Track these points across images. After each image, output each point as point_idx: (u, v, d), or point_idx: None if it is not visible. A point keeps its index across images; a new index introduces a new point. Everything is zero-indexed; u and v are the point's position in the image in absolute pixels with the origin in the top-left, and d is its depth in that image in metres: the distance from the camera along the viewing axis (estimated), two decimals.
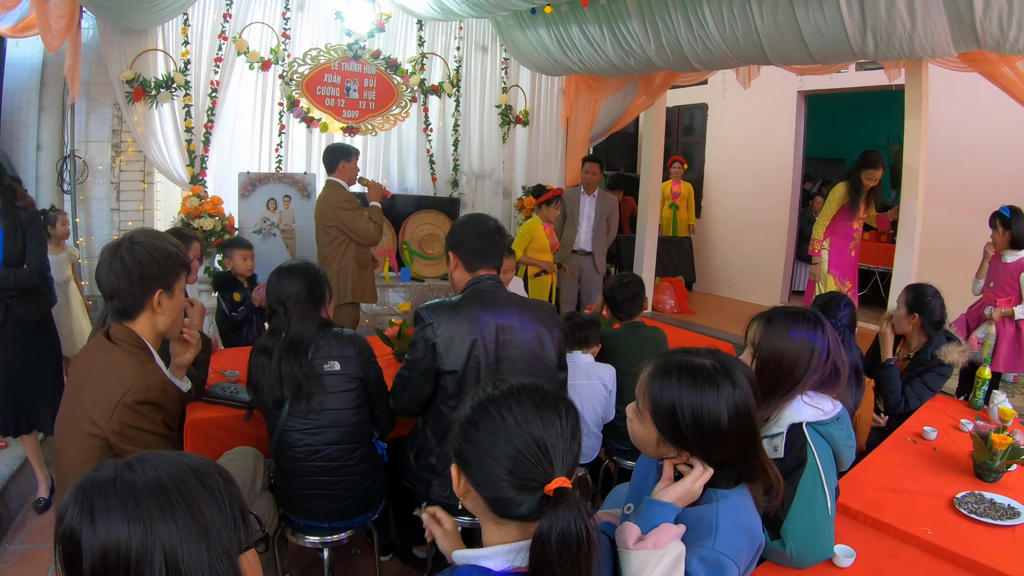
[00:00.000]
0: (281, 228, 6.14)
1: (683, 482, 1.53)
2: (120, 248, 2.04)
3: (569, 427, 1.28)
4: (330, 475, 2.58)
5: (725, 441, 1.52)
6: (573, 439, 1.28)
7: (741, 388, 1.52)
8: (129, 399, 1.91)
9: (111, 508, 0.96)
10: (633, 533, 1.48)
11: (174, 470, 1.02)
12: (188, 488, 1.00)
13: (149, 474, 1.01)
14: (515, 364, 2.45)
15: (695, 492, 1.53)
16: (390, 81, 6.91)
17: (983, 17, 3.55)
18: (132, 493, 0.97)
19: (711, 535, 1.48)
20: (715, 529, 1.48)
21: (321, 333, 2.65)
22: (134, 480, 0.99)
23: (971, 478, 2.58)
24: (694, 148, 9.69)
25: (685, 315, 7.65)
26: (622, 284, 3.76)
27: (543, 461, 1.23)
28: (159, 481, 1.00)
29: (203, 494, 1.01)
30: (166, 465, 1.03)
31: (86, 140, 5.93)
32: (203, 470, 1.05)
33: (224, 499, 1.03)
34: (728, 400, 1.50)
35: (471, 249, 2.53)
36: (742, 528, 1.52)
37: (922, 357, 3.54)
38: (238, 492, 1.08)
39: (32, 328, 3.65)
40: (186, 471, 1.03)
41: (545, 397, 1.31)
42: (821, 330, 1.98)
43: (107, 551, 0.94)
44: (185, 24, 5.95)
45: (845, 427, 1.99)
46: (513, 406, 1.27)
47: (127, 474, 1.00)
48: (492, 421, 1.26)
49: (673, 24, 4.91)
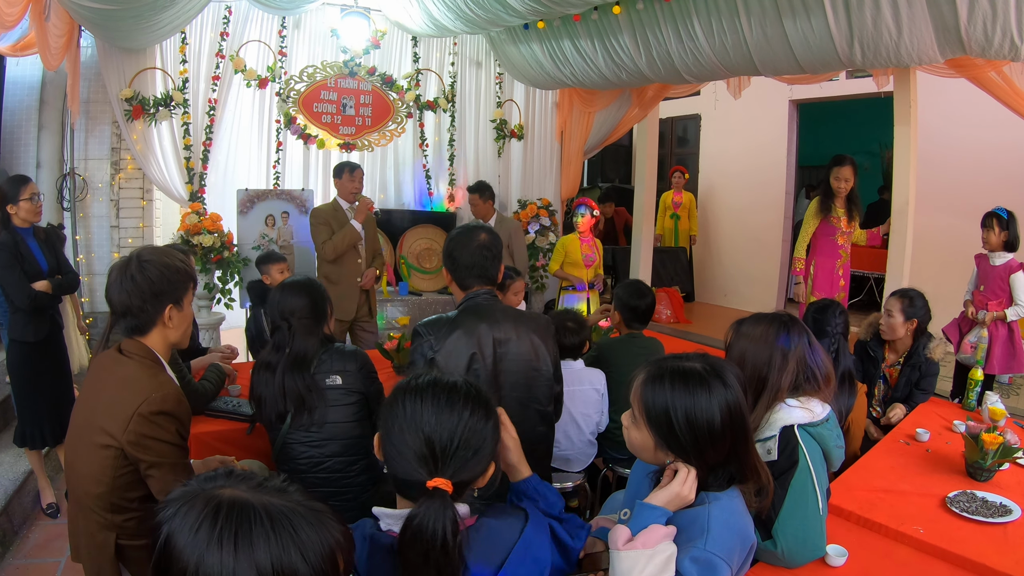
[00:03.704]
0: (279, 244, 6.18)
1: (671, 486, 1.57)
2: (129, 267, 2.07)
3: (468, 430, 1.38)
4: (332, 486, 2.63)
5: (719, 441, 1.56)
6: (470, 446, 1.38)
7: (732, 388, 1.58)
8: (145, 410, 1.94)
9: (255, 536, 0.90)
10: (623, 534, 1.53)
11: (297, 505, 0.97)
12: (305, 524, 0.95)
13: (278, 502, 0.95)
14: (512, 376, 2.46)
15: (685, 495, 1.56)
16: (386, 97, 6.98)
17: (968, 23, 3.61)
18: (271, 519, 0.92)
19: (703, 536, 1.51)
20: (707, 530, 1.52)
21: (323, 348, 2.70)
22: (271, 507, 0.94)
23: (964, 478, 2.62)
24: (688, 159, 9.77)
25: (682, 325, 7.70)
26: (641, 294, 3.75)
27: (428, 458, 1.34)
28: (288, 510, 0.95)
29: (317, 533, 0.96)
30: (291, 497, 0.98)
31: (85, 158, 5.99)
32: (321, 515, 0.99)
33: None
34: (720, 400, 1.55)
35: (461, 265, 2.50)
36: (734, 529, 1.56)
37: (915, 360, 3.60)
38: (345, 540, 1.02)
39: (41, 346, 3.84)
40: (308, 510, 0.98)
41: (455, 397, 1.40)
42: (787, 333, 2.03)
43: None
44: (183, 43, 6.02)
45: (834, 428, 2.03)
46: (418, 400, 1.38)
47: (262, 497, 0.95)
48: (399, 408, 1.38)
49: (663, 37, 4.99)
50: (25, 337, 3.79)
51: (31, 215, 3.82)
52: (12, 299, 3.73)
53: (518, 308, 3.88)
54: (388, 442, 1.37)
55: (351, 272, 5.00)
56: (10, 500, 3.70)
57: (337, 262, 5.02)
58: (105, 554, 2.05)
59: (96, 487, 2.00)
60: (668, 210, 8.70)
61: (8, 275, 3.68)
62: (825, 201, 5.04)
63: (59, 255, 4.04)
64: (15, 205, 3.76)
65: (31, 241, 3.85)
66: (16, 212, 3.77)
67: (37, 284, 3.75)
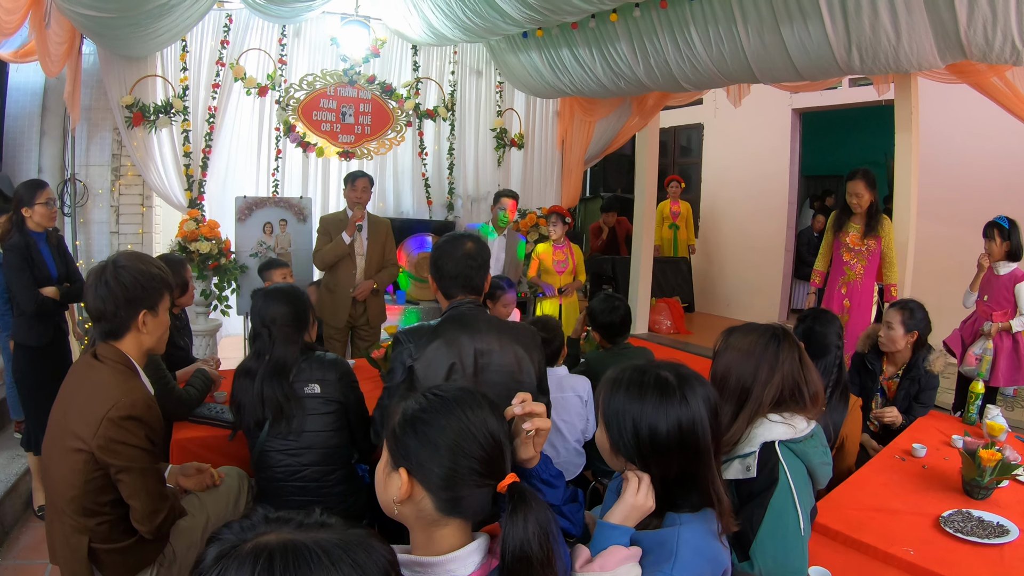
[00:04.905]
0: (277, 252, 6.16)
1: (623, 499, 1.50)
2: (105, 272, 2.10)
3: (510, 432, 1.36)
4: (309, 495, 2.59)
5: (663, 454, 1.50)
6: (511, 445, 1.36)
7: (691, 406, 1.50)
8: (114, 414, 1.96)
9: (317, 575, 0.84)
10: (582, 555, 1.45)
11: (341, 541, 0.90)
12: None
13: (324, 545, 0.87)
14: (494, 388, 2.39)
15: (641, 505, 1.49)
16: (385, 106, 6.97)
17: (967, 27, 3.54)
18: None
19: (670, 560, 1.43)
20: (675, 554, 1.44)
21: (304, 356, 2.68)
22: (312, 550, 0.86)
23: (960, 496, 2.54)
24: (691, 168, 9.73)
25: (682, 335, 7.63)
26: (613, 308, 3.70)
27: (496, 458, 1.29)
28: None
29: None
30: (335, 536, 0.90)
31: (86, 164, 6.01)
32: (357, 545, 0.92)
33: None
34: (673, 413, 1.49)
35: (446, 275, 2.46)
36: (704, 554, 1.47)
37: (914, 373, 3.52)
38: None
39: (45, 351, 3.88)
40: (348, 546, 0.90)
41: (492, 402, 1.36)
42: (776, 346, 1.97)
43: None
44: (183, 51, 6.04)
45: (819, 444, 1.96)
46: (473, 405, 1.32)
47: (309, 535, 0.88)
48: (455, 420, 1.29)
49: (661, 45, 4.96)
50: (27, 341, 3.82)
51: (46, 219, 3.86)
52: (19, 302, 3.76)
53: (507, 319, 3.83)
54: (443, 458, 1.25)
55: (344, 282, 4.99)
56: (1, 501, 3.70)
57: (332, 270, 5.03)
58: (78, 557, 2.07)
59: (68, 491, 2.02)
60: (666, 220, 8.66)
61: (17, 278, 3.71)
62: (840, 216, 4.83)
63: (69, 263, 4.09)
64: (30, 209, 3.79)
65: (43, 246, 3.88)
66: (31, 216, 3.80)
67: (45, 289, 3.78)
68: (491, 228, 6.02)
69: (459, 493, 1.26)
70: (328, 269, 5.05)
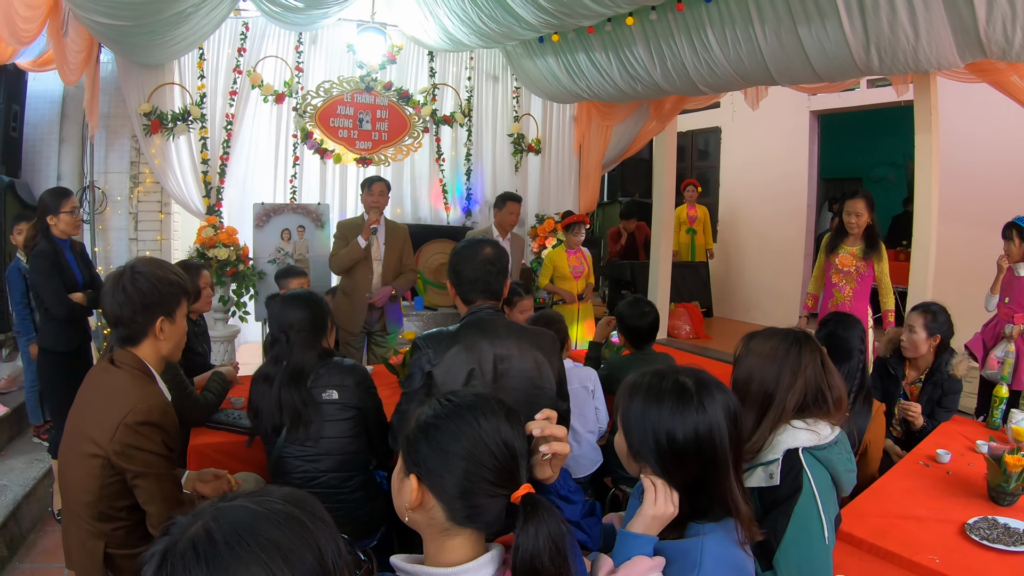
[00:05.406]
0: (295, 258, 6.19)
1: (643, 510, 1.48)
2: (122, 278, 2.09)
3: (527, 441, 1.34)
4: (327, 502, 2.52)
5: (681, 461, 1.48)
6: (529, 453, 1.35)
7: (708, 412, 1.48)
8: (130, 420, 1.96)
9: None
10: (605, 566, 1.44)
11: (256, 523, 0.89)
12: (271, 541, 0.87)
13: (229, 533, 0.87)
14: (513, 394, 2.37)
15: (662, 513, 1.47)
16: (402, 112, 7.00)
17: (986, 25, 3.48)
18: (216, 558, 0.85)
19: (694, 570, 1.41)
20: (699, 564, 1.42)
21: (322, 362, 2.68)
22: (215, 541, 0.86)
23: (985, 502, 2.48)
24: (709, 172, 9.67)
25: (701, 341, 7.57)
26: (643, 313, 3.69)
27: (511, 468, 1.26)
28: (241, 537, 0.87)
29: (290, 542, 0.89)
30: (247, 519, 0.89)
31: (105, 171, 6.09)
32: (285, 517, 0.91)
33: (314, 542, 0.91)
34: (690, 420, 1.47)
35: (465, 280, 2.44)
36: (728, 564, 1.45)
37: (937, 377, 3.46)
38: (326, 529, 0.95)
39: (71, 356, 3.94)
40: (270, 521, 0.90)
41: (510, 409, 1.34)
42: (798, 351, 1.95)
43: None
44: (201, 59, 6.11)
45: (844, 451, 1.92)
46: (487, 412, 1.29)
47: (205, 535, 0.87)
48: (469, 428, 1.27)
49: (678, 48, 4.93)
50: (57, 347, 3.86)
51: (71, 228, 3.93)
52: (49, 307, 3.81)
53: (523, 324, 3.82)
54: (455, 467, 1.24)
55: (361, 286, 4.98)
56: (19, 505, 3.74)
57: (349, 275, 5.03)
58: (94, 562, 2.07)
59: (85, 495, 2.02)
60: (683, 224, 8.58)
61: (47, 283, 3.77)
62: (833, 238, 4.65)
63: (92, 270, 4.15)
64: (55, 217, 3.85)
65: (68, 253, 3.94)
66: (56, 224, 3.86)
67: (73, 295, 3.85)
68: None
69: (470, 502, 1.23)
70: (345, 274, 5.05)
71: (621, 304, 3.83)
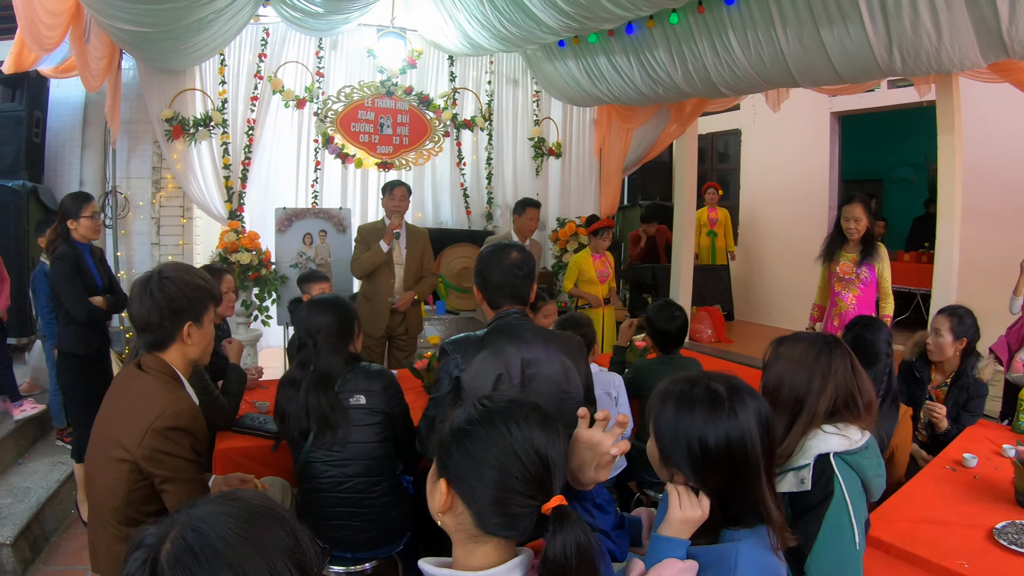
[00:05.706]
0: (317, 262, 6.21)
1: (669, 516, 1.47)
2: (150, 283, 2.09)
3: (565, 448, 1.32)
4: (354, 507, 2.58)
5: (714, 468, 1.46)
6: (566, 460, 1.32)
7: (740, 419, 1.46)
8: (159, 425, 1.95)
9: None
10: (636, 568, 1.44)
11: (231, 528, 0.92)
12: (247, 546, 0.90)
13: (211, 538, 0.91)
14: (541, 398, 2.30)
15: (690, 516, 1.46)
16: (423, 116, 7.01)
17: (1009, 25, 3.44)
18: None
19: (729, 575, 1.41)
20: (734, 570, 1.41)
21: (349, 367, 2.68)
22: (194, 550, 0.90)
23: (1013, 507, 2.44)
24: (729, 175, 9.62)
25: (723, 344, 7.52)
26: (672, 316, 3.66)
27: (542, 478, 1.24)
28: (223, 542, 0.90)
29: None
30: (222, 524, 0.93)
31: (127, 176, 6.14)
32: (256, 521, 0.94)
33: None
34: (722, 426, 1.45)
35: (492, 285, 2.43)
36: (763, 569, 1.44)
37: (963, 381, 3.42)
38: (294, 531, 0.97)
39: (92, 360, 3.98)
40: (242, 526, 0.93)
41: (546, 415, 1.32)
42: (828, 355, 1.93)
43: None
44: (222, 64, 6.15)
45: (874, 456, 1.90)
46: (520, 420, 1.27)
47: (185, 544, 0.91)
48: (500, 435, 1.25)
49: (699, 50, 4.90)
50: (77, 350, 3.89)
51: (91, 232, 3.95)
52: (70, 311, 3.84)
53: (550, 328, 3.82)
54: (484, 474, 1.23)
55: (383, 291, 5.00)
56: (42, 508, 3.78)
57: (371, 279, 5.04)
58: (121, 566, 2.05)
59: (112, 500, 2.01)
60: (704, 227, 8.54)
61: (68, 287, 3.80)
62: (830, 245, 4.54)
63: (111, 275, 4.17)
64: (76, 221, 3.88)
65: (88, 257, 3.97)
66: (76, 228, 3.89)
67: (94, 299, 3.88)
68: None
69: (501, 511, 1.23)
70: (367, 278, 5.07)
71: (650, 307, 3.81)
